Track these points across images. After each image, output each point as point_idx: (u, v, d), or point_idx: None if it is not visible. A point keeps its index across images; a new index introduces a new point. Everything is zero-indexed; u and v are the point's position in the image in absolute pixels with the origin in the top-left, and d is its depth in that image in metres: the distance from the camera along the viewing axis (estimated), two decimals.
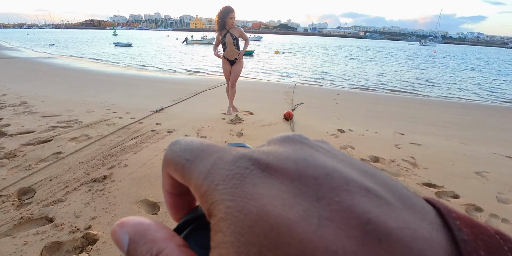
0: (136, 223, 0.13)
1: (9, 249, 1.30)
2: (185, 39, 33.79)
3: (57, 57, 12.74)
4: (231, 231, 0.10)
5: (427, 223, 0.10)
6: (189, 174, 0.13)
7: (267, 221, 0.09)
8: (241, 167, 0.12)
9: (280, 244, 0.09)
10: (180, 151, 0.14)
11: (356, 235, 0.09)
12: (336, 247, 0.09)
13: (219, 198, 0.11)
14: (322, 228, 0.09)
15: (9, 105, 3.68)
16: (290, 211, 0.10)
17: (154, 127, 3.10)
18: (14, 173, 1.97)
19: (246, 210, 0.10)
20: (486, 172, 2.49)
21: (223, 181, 0.12)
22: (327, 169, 0.12)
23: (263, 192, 0.11)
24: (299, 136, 0.15)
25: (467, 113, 5.39)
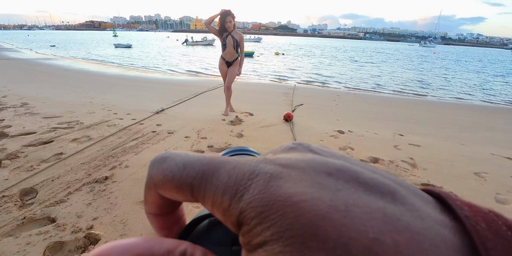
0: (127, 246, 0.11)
1: (12, 248, 1.32)
2: (185, 40, 33.85)
3: (58, 58, 12.78)
4: (271, 232, 0.11)
5: (431, 207, 0.12)
6: (201, 192, 0.13)
7: (304, 216, 0.11)
8: (261, 174, 0.12)
9: (319, 233, 0.10)
10: (179, 170, 0.14)
11: (379, 216, 0.10)
12: (365, 227, 0.10)
13: (248, 207, 0.12)
14: (349, 213, 0.10)
15: (10, 106, 3.70)
16: (320, 202, 0.11)
17: (154, 128, 3.12)
18: (16, 174, 1.99)
19: (281, 211, 0.11)
20: (484, 173, 2.51)
21: (247, 191, 0.12)
22: (337, 166, 0.13)
23: (290, 191, 0.11)
24: (301, 145, 0.16)
25: (466, 114, 5.41)
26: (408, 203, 0.11)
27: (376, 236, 0.10)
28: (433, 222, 0.11)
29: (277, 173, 0.12)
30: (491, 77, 13.65)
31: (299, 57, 20.37)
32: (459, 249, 0.10)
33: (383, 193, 0.12)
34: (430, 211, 0.11)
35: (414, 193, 0.12)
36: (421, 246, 0.10)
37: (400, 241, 0.10)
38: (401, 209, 0.11)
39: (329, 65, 15.36)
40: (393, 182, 0.13)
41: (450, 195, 0.13)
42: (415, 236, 0.10)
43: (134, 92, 5.34)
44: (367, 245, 0.09)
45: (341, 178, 0.12)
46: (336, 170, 0.13)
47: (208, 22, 3.58)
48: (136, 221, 1.57)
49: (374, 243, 0.10)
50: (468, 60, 28.09)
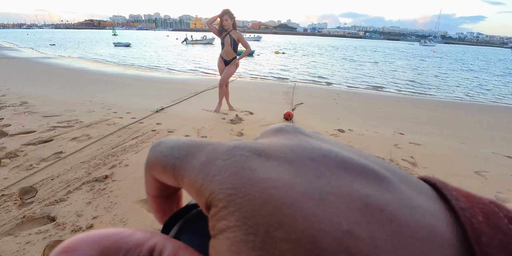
0: (96, 238, 0.11)
1: (12, 248, 1.31)
2: (184, 39, 33.81)
3: (57, 57, 12.75)
4: (236, 217, 0.10)
5: (423, 196, 0.11)
6: (181, 172, 0.13)
7: (271, 203, 0.10)
8: (237, 155, 0.12)
9: (286, 222, 0.09)
10: (167, 151, 0.14)
11: (358, 207, 0.09)
12: (339, 219, 0.09)
13: (218, 188, 0.11)
14: (324, 202, 0.10)
15: (9, 105, 3.69)
16: (292, 190, 0.10)
17: (154, 127, 3.11)
18: (16, 172, 1.98)
19: (249, 195, 0.10)
20: (485, 172, 2.51)
21: (219, 172, 0.11)
22: (323, 151, 0.12)
23: (262, 176, 0.11)
24: (291, 127, 0.15)
25: (466, 113, 5.40)
26: (398, 191, 0.10)
27: (351, 228, 0.09)
28: (424, 212, 0.10)
29: (254, 157, 0.12)
30: (491, 76, 13.64)
31: (299, 56, 20.34)
32: (451, 244, 0.09)
33: (370, 180, 0.11)
34: (422, 201, 0.10)
35: (406, 181, 0.11)
36: (403, 241, 0.09)
37: (378, 234, 0.09)
38: (387, 198, 0.10)
39: (328, 64, 15.34)
40: (384, 169, 0.12)
41: (447, 184, 0.12)
42: (398, 229, 0.09)
43: (133, 90, 5.33)
44: (338, 238, 0.09)
45: (324, 164, 0.11)
46: (321, 155, 0.12)
47: (209, 22, 3.63)
48: (136, 220, 1.57)
49: (347, 236, 0.09)
50: (468, 59, 28.08)
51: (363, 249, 0.08)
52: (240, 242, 0.10)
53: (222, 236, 0.10)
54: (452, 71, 15.00)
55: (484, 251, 0.09)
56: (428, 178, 0.12)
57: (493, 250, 0.09)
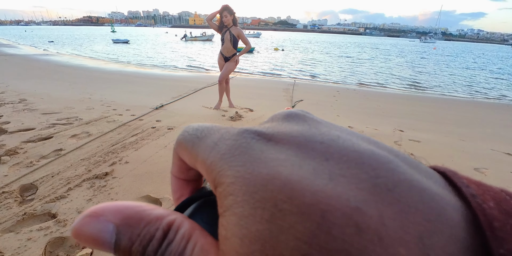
0: (120, 207, 0.11)
1: (13, 244, 1.32)
2: (184, 36, 33.59)
3: (56, 54, 12.68)
4: (243, 192, 0.10)
5: (432, 181, 0.11)
6: (197, 149, 0.13)
7: (279, 179, 0.10)
8: (247, 137, 0.12)
9: (295, 196, 0.09)
10: (192, 131, 0.14)
11: (367, 186, 0.10)
12: (348, 196, 0.09)
13: (227, 166, 0.11)
14: (333, 181, 0.10)
15: (8, 102, 3.67)
16: (300, 169, 0.10)
17: (154, 124, 3.11)
18: (16, 170, 1.98)
19: (257, 172, 0.10)
20: (484, 169, 2.51)
21: (229, 150, 0.12)
22: (332, 136, 0.12)
23: (271, 156, 0.11)
24: (301, 111, 0.15)
25: (466, 110, 5.40)
26: (407, 174, 0.10)
27: (359, 205, 0.09)
28: (433, 195, 0.10)
29: (263, 141, 0.12)
30: (491, 74, 13.61)
31: (299, 53, 20.26)
32: (460, 226, 0.09)
33: (379, 164, 0.11)
34: (431, 185, 0.10)
35: (415, 167, 0.11)
36: (411, 220, 0.09)
37: (386, 213, 0.09)
38: (396, 179, 0.10)
39: (328, 62, 15.28)
40: (393, 155, 0.12)
41: (457, 173, 0.12)
42: (407, 208, 0.09)
43: (133, 88, 5.31)
44: (347, 213, 0.09)
45: (333, 147, 0.11)
46: (329, 140, 0.12)
47: (209, 18, 3.60)
48: None
49: (355, 212, 0.09)
50: (468, 56, 27.99)
51: (371, 225, 0.09)
52: (248, 216, 0.10)
53: (229, 212, 0.10)
54: (452, 69, 14.97)
55: (496, 235, 0.09)
56: (438, 167, 0.12)
57: (506, 234, 0.09)
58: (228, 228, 0.10)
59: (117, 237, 0.11)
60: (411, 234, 0.09)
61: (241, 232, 0.10)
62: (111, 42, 23.19)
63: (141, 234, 0.11)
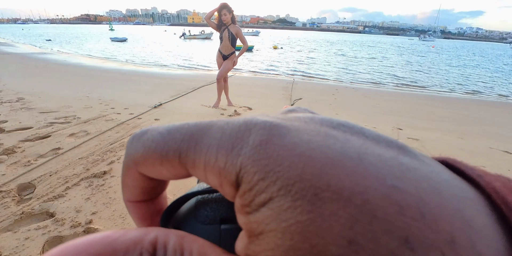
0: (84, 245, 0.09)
1: (11, 243, 1.31)
2: (182, 34, 33.47)
3: (54, 52, 12.60)
4: (278, 187, 0.09)
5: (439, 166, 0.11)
6: (191, 155, 0.11)
7: (313, 166, 0.09)
8: (259, 124, 0.11)
9: (333, 182, 0.09)
10: (161, 137, 0.12)
11: (395, 164, 0.10)
12: (382, 175, 0.09)
13: (249, 161, 0.10)
14: (363, 161, 0.10)
15: (6, 101, 3.65)
16: (330, 150, 0.10)
17: (152, 122, 3.10)
18: (14, 169, 1.97)
19: (287, 162, 0.10)
20: (483, 167, 2.46)
21: (245, 143, 0.11)
22: (341, 121, 0.12)
23: (294, 140, 0.10)
24: (303, 107, 0.15)
25: (464, 108, 5.42)
26: (419, 158, 0.11)
27: (395, 183, 0.09)
28: (448, 175, 0.10)
29: (277, 122, 0.11)
30: (490, 73, 13.64)
31: (297, 51, 20.22)
32: (478, 201, 0.10)
33: (393, 146, 0.11)
34: (442, 168, 0.11)
35: (420, 154, 0.11)
36: (443, 196, 0.09)
37: (422, 188, 0.09)
38: (414, 161, 0.10)
39: (326, 61, 15.27)
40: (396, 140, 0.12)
41: (457, 160, 0.12)
42: (436, 185, 0.09)
43: (131, 86, 5.29)
44: (386, 192, 0.09)
45: (347, 131, 0.11)
46: (340, 124, 0.12)
47: (207, 17, 3.58)
48: None
49: (393, 191, 0.09)
50: (467, 55, 28.02)
51: (411, 202, 0.09)
52: (287, 209, 0.09)
53: (265, 208, 0.10)
54: (450, 67, 14.98)
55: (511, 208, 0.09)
56: (437, 157, 0.13)
57: None
58: (264, 223, 0.10)
59: None
60: (449, 207, 0.09)
61: (281, 226, 0.09)
62: (109, 41, 23.08)
63: None
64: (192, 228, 0.14)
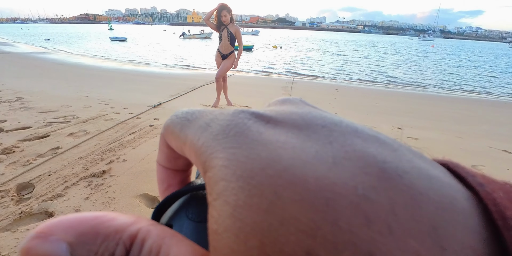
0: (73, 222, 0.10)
1: (10, 243, 1.31)
2: (182, 34, 33.43)
3: (53, 52, 12.58)
4: (237, 177, 0.09)
5: (438, 170, 0.10)
6: (186, 131, 0.12)
7: (279, 162, 0.09)
8: (243, 118, 0.11)
9: (297, 182, 0.08)
10: (181, 114, 0.14)
11: (375, 171, 0.09)
12: (355, 183, 0.08)
13: (220, 147, 0.10)
14: (337, 166, 0.09)
15: (5, 100, 3.65)
16: (302, 153, 0.09)
17: (152, 122, 3.10)
18: (12, 168, 1.97)
19: (254, 154, 0.09)
20: (482, 166, 2.53)
21: (223, 131, 0.11)
22: (334, 120, 0.11)
23: (270, 138, 0.10)
24: (299, 99, 0.14)
25: (463, 107, 5.42)
26: (414, 161, 0.10)
27: (367, 193, 0.08)
28: (442, 183, 0.09)
29: (261, 123, 0.11)
30: (488, 72, 13.66)
31: (297, 51, 20.21)
32: (471, 216, 0.08)
33: (385, 149, 0.10)
34: (438, 174, 0.10)
35: (420, 157, 0.11)
36: (424, 209, 0.08)
37: (397, 201, 0.08)
38: (405, 165, 0.09)
39: (326, 59, 15.27)
40: (395, 143, 0.11)
41: (459, 164, 0.11)
42: (418, 196, 0.08)
43: (130, 86, 5.28)
44: (354, 202, 0.08)
45: (336, 131, 0.11)
46: (332, 123, 0.11)
47: (206, 18, 3.59)
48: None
49: (363, 201, 0.08)
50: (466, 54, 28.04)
51: (381, 215, 0.08)
52: (243, 205, 0.08)
53: (220, 201, 0.09)
54: (450, 67, 14.99)
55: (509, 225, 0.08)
56: (439, 159, 0.12)
57: None
58: (219, 221, 0.09)
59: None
60: (424, 224, 0.08)
61: (235, 226, 0.08)
62: (109, 40, 23.04)
63: (99, 253, 0.09)
64: (183, 225, 0.14)
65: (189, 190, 0.16)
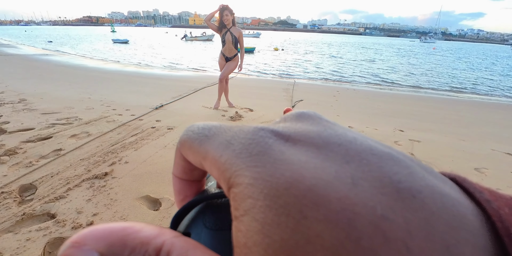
0: (103, 233, 0.10)
1: (12, 245, 1.31)
2: (184, 36, 33.62)
3: (56, 54, 12.67)
4: (264, 195, 0.10)
5: (449, 186, 0.11)
6: (206, 147, 0.13)
7: (303, 182, 0.09)
8: (264, 137, 0.12)
9: (321, 203, 0.09)
10: (198, 130, 0.14)
11: (390, 191, 0.09)
12: (373, 203, 0.09)
13: (244, 165, 0.11)
14: (356, 186, 0.09)
15: (8, 102, 3.67)
16: (323, 173, 0.10)
17: (154, 124, 3.10)
18: (15, 170, 1.98)
19: (279, 174, 0.10)
20: (485, 169, 2.51)
21: (246, 149, 0.11)
22: (349, 138, 0.12)
23: (292, 158, 0.11)
24: (313, 113, 0.15)
25: (466, 109, 5.40)
26: (426, 179, 0.10)
27: (385, 213, 0.09)
28: (453, 201, 0.10)
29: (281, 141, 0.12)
30: (491, 74, 13.62)
31: (298, 53, 20.25)
32: (480, 233, 0.09)
33: (399, 167, 0.10)
34: (449, 191, 0.10)
35: (430, 172, 0.11)
36: (436, 228, 0.09)
37: (412, 221, 0.09)
38: (418, 184, 0.10)
39: (327, 61, 15.28)
40: (408, 159, 0.11)
41: (467, 179, 0.11)
42: (431, 216, 0.09)
43: (133, 87, 5.30)
44: (374, 221, 0.09)
45: (352, 149, 0.11)
46: (347, 141, 0.12)
47: (207, 19, 3.60)
48: (136, 217, 1.57)
49: (382, 220, 0.09)
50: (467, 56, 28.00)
51: (398, 234, 0.08)
52: (271, 223, 0.09)
53: (249, 217, 0.10)
54: (452, 69, 14.97)
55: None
56: (447, 173, 0.12)
57: None
58: (248, 235, 0.09)
59: None
60: (438, 243, 0.08)
61: (264, 241, 0.09)
62: (111, 42, 23.19)
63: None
64: (201, 233, 0.14)
65: (205, 199, 0.16)
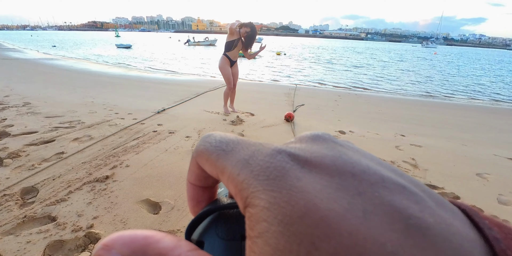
0: (129, 239, 0.11)
1: (12, 247, 1.32)
2: (187, 41, 33.96)
3: (60, 58, 12.83)
4: (278, 221, 0.10)
5: (458, 221, 0.11)
6: (224, 163, 0.13)
7: (317, 213, 0.10)
8: (282, 161, 0.12)
9: (332, 235, 0.09)
10: (215, 142, 0.14)
11: (401, 228, 0.09)
12: (384, 239, 0.09)
13: (261, 188, 0.11)
14: (367, 220, 0.10)
15: (12, 105, 3.72)
16: (336, 204, 0.10)
17: (155, 128, 3.12)
18: (18, 172, 2.00)
19: (294, 202, 0.10)
20: (487, 174, 2.49)
21: (264, 172, 0.12)
22: (362, 167, 0.12)
23: (308, 186, 0.11)
24: (328, 135, 0.15)
25: (467, 114, 5.38)
26: (437, 214, 0.10)
27: (395, 250, 0.09)
28: (462, 239, 0.10)
29: (298, 166, 0.12)
30: (494, 78, 13.59)
31: (300, 58, 20.36)
32: None
33: (410, 201, 0.11)
34: (460, 226, 0.10)
35: (441, 204, 0.11)
36: None
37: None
38: (428, 221, 0.10)
39: (329, 66, 15.34)
40: (420, 189, 0.12)
41: (478, 212, 0.12)
42: (439, 255, 0.09)
43: (135, 92, 5.35)
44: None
45: (365, 180, 0.11)
46: (361, 171, 0.12)
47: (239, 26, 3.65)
48: (136, 221, 1.57)
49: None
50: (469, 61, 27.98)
51: None
52: (283, 250, 0.09)
53: (262, 240, 0.10)
54: (452, 76, 14.96)
55: None
56: (458, 203, 0.12)
57: None
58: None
59: None
60: None
61: None
62: (115, 47, 23.48)
63: None
64: (214, 242, 0.15)
65: (218, 209, 0.17)
